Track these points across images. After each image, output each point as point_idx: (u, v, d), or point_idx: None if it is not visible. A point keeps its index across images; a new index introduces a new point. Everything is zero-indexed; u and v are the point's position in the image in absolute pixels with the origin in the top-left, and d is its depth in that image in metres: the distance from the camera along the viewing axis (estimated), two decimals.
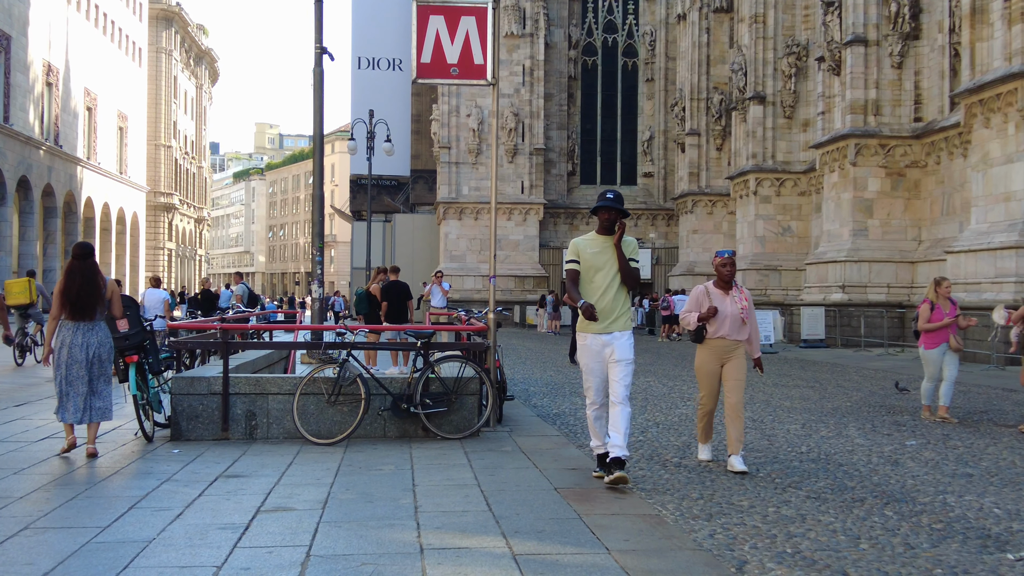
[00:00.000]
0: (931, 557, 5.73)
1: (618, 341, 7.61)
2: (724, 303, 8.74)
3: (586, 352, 7.72)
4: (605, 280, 7.65)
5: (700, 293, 8.87)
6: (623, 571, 5.21)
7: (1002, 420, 11.73)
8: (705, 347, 8.78)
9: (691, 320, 8.78)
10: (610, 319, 7.63)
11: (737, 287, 8.89)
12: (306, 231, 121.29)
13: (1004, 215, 23.06)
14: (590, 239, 7.82)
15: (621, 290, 7.70)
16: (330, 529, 6.14)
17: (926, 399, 12.47)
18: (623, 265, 7.66)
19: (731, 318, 8.68)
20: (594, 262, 7.67)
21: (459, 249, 50.12)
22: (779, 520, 6.65)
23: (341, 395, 9.88)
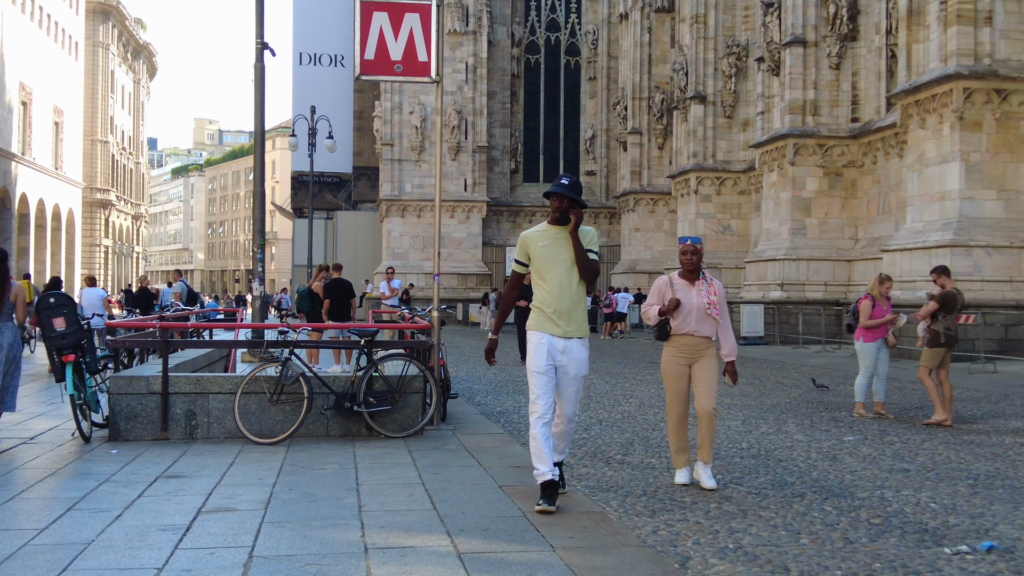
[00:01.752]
0: (870, 551, 5.82)
1: (576, 352, 6.80)
2: (689, 295, 7.80)
3: (539, 353, 6.74)
4: (561, 276, 6.75)
5: (663, 284, 7.97)
6: (568, 568, 5.23)
7: (925, 412, 11.95)
8: (670, 345, 7.89)
9: (652, 314, 7.88)
10: (568, 321, 6.76)
11: (706, 278, 7.89)
12: (246, 228, 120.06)
13: (939, 214, 23.51)
14: (541, 231, 6.89)
15: (580, 287, 6.82)
16: (273, 529, 6.09)
17: (860, 395, 12.67)
18: (580, 256, 6.76)
19: (697, 311, 7.73)
20: (547, 256, 6.78)
21: (402, 247, 49.95)
22: (721, 516, 6.72)
23: (283, 394, 9.80)
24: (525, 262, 6.93)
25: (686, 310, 7.76)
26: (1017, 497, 7.47)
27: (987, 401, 14.61)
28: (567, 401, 6.86)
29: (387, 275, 23.29)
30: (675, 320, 7.81)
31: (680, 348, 7.83)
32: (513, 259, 7.06)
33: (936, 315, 12.19)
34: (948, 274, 12.61)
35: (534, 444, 6.70)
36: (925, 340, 12.38)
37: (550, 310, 6.74)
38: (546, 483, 6.69)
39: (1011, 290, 22.55)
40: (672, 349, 7.88)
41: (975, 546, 5.91)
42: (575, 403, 6.91)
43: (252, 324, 15.57)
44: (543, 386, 6.71)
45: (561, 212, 6.81)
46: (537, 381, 6.74)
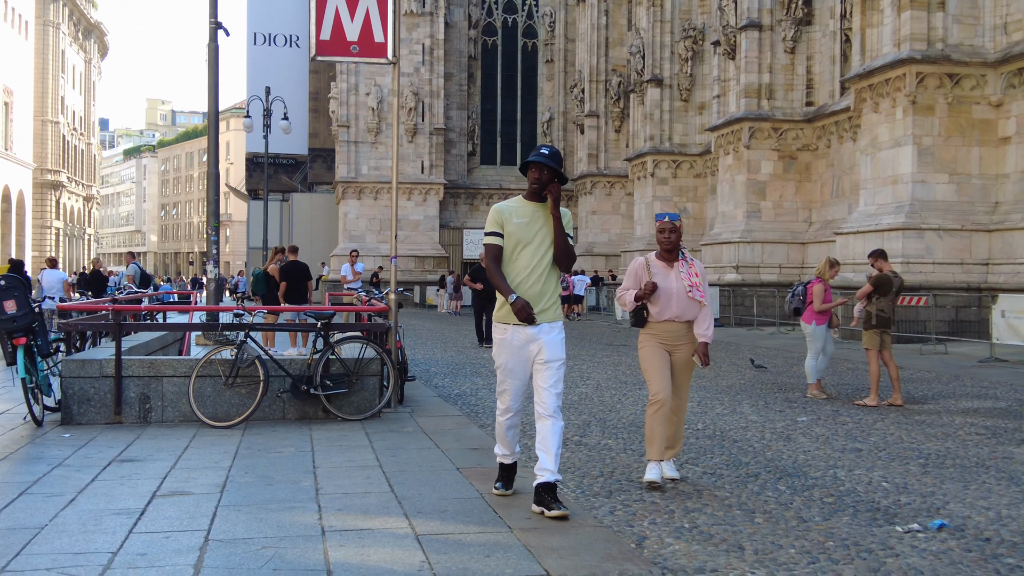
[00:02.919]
0: (823, 530, 5.90)
1: (547, 336, 6.14)
2: (667, 278, 7.08)
3: (505, 348, 6.20)
4: (534, 258, 6.14)
5: (638, 267, 7.23)
6: (525, 549, 5.25)
7: (885, 395, 12.12)
8: (648, 333, 7.20)
9: (628, 299, 7.18)
10: (539, 306, 6.14)
11: (685, 259, 7.19)
12: (200, 210, 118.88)
13: (891, 198, 23.77)
14: (517, 205, 6.28)
15: (552, 271, 6.22)
16: (229, 513, 6.05)
17: (812, 377, 12.82)
18: (560, 239, 6.16)
19: (677, 296, 7.04)
20: (522, 235, 6.16)
21: (359, 229, 49.70)
22: (677, 496, 6.78)
23: (239, 377, 9.73)
24: (502, 233, 6.23)
25: (665, 294, 7.07)
26: (967, 476, 7.60)
27: (938, 382, 14.84)
28: (546, 392, 6.12)
29: (351, 258, 23.08)
30: (654, 306, 7.12)
31: (661, 335, 7.14)
32: (485, 233, 6.32)
33: (871, 297, 12.35)
34: (885, 258, 12.78)
35: (498, 430, 6.45)
36: (860, 320, 12.56)
37: (518, 293, 6.13)
38: (505, 466, 6.55)
39: (962, 272, 22.88)
40: (650, 337, 7.18)
41: (926, 524, 6.01)
42: (555, 394, 6.14)
43: (207, 307, 15.44)
44: (507, 383, 6.27)
45: (540, 185, 6.21)
46: (503, 378, 6.29)
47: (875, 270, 12.62)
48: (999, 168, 23.24)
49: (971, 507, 6.54)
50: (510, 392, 6.27)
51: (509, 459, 6.54)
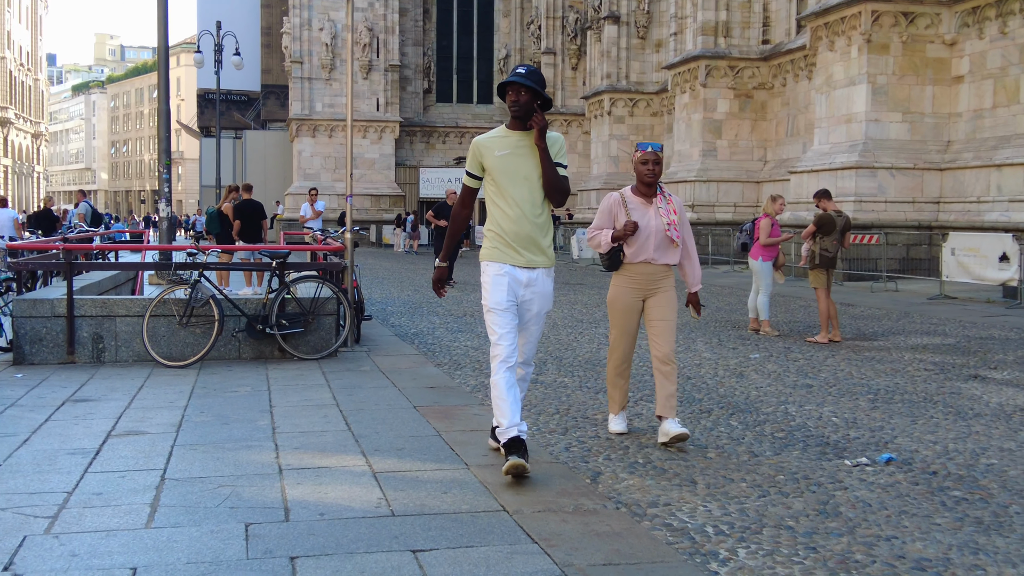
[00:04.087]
0: (774, 464, 6.01)
1: (540, 285, 5.68)
2: (646, 216, 6.49)
3: (499, 287, 5.58)
4: (524, 193, 5.54)
5: (613, 203, 6.60)
6: (482, 485, 5.30)
7: (841, 333, 12.31)
8: (622, 276, 6.62)
9: (602, 240, 6.54)
10: (533, 249, 5.60)
11: (663, 194, 6.60)
12: (152, 148, 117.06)
13: (845, 136, 23.91)
14: (499, 137, 5.65)
15: (545, 208, 5.65)
16: (185, 452, 6.05)
17: (764, 313, 12.97)
18: (548, 171, 5.54)
19: (656, 235, 6.48)
20: (506, 169, 5.56)
21: (313, 167, 49.21)
22: (631, 432, 6.86)
23: (193, 317, 9.67)
24: (478, 174, 5.67)
25: (643, 233, 6.46)
26: (915, 411, 7.76)
27: (888, 319, 15.07)
28: (529, 342, 5.82)
29: (310, 196, 22.66)
30: (629, 247, 6.52)
31: (635, 279, 6.57)
32: (465, 171, 5.79)
33: (816, 236, 12.47)
34: (829, 197, 12.89)
35: (495, 393, 5.56)
36: (807, 259, 12.70)
37: (509, 236, 5.55)
38: (512, 441, 5.45)
39: (913, 211, 23.14)
40: (624, 280, 6.61)
41: (874, 458, 6.14)
42: (536, 343, 5.91)
43: (159, 246, 15.25)
44: (506, 325, 5.58)
45: (521, 108, 5.53)
46: (499, 320, 5.58)
47: (820, 210, 12.73)
48: (952, 107, 23.42)
49: (918, 441, 6.68)
50: (506, 336, 5.55)
51: (512, 432, 5.46)
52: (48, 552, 4.21)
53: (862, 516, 4.94)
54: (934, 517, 4.93)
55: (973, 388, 8.86)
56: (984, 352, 11.28)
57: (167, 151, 15.44)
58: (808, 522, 4.82)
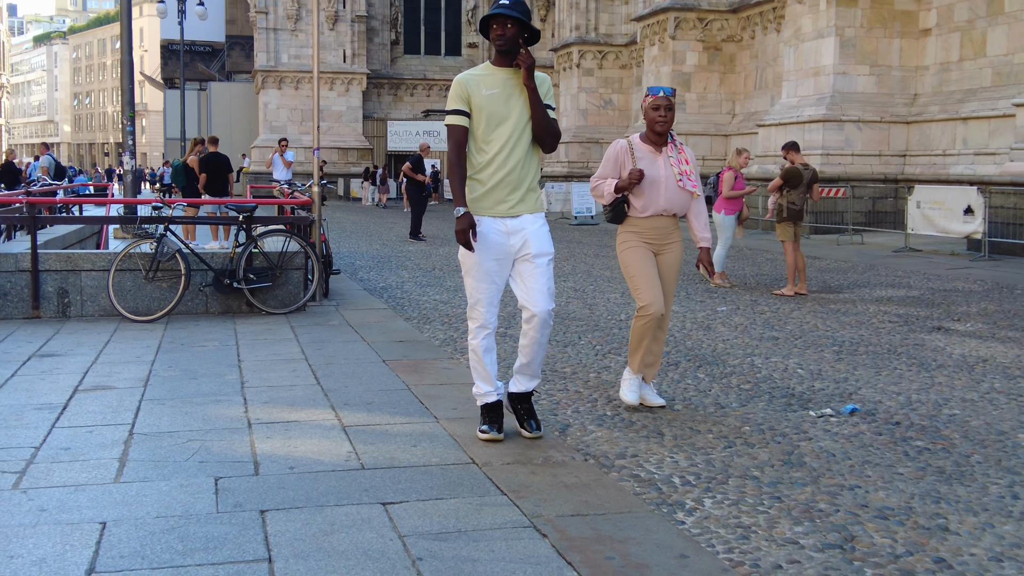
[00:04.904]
0: (740, 415, 6.08)
1: (531, 228, 5.15)
2: (655, 165, 6.02)
3: (481, 242, 5.09)
4: (511, 138, 5.09)
5: (620, 151, 6.10)
6: (452, 438, 5.33)
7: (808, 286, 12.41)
8: (629, 231, 6.14)
9: (606, 191, 6.07)
10: (517, 195, 5.14)
11: (675, 143, 6.15)
12: (115, 99, 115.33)
13: (813, 89, 23.95)
14: (484, 74, 5.17)
15: (533, 153, 5.20)
16: (153, 407, 6.03)
17: (720, 266, 13.05)
18: (538, 113, 5.10)
19: (666, 186, 6.00)
20: (494, 109, 5.08)
21: (280, 120, 48.72)
22: (599, 385, 6.91)
23: (159, 271, 9.60)
24: (467, 110, 5.14)
25: (652, 184, 6.00)
26: (879, 363, 7.85)
27: (854, 271, 15.20)
28: (535, 292, 5.14)
29: (280, 147, 22.22)
30: (638, 199, 6.04)
31: (644, 233, 6.10)
32: (448, 111, 5.24)
33: (782, 189, 12.51)
34: (798, 150, 12.91)
35: (473, 358, 5.34)
36: (773, 212, 12.75)
37: (492, 181, 5.10)
38: (489, 405, 5.35)
39: (879, 164, 23.28)
40: (632, 236, 6.13)
41: (839, 409, 6.22)
42: (546, 294, 5.15)
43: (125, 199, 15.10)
44: (481, 291, 5.19)
45: (507, 43, 5.05)
46: (476, 283, 5.19)
47: (787, 162, 12.76)
48: (919, 60, 23.49)
49: (882, 392, 6.77)
50: (485, 302, 5.19)
51: (493, 395, 5.35)
52: (16, 507, 4.20)
53: (826, 466, 5.01)
54: (897, 467, 5.01)
55: (936, 340, 8.97)
56: (948, 304, 11.42)
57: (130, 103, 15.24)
58: (773, 472, 4.89)
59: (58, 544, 3.78)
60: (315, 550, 3.74)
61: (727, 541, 3.97)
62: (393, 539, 3.86)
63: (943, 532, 4.09)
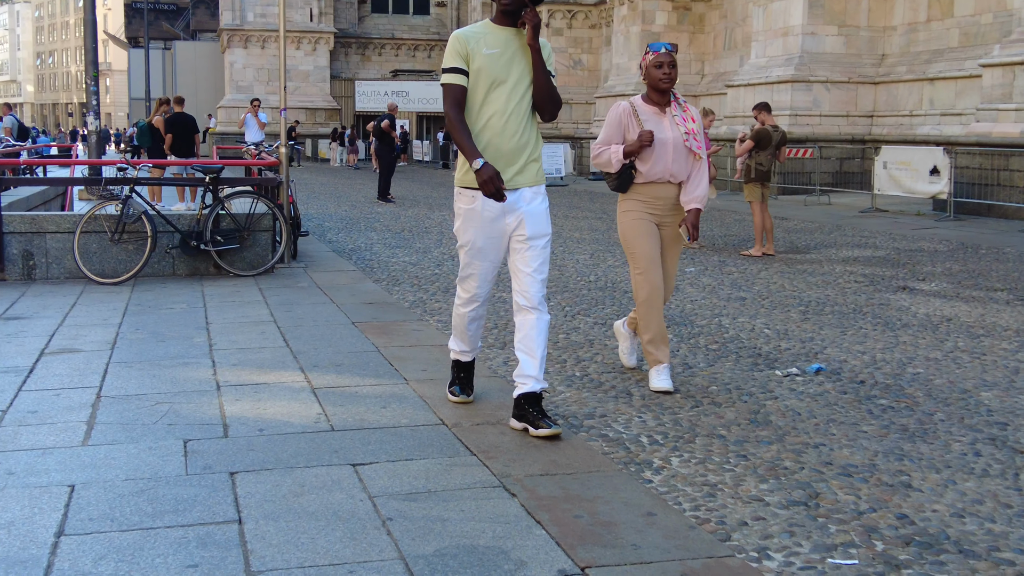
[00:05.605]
0: (707, 375, 6.13)
1: (529, 205, 4.79)
2: (660, 126, 5.66)
3: (473, 221, 4.82)
4: (510, 102, 4.71)
5: (623, 114, 5.75)
6: (421, 399, 5.35)
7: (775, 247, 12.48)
8: (633, 198, 5.74)
9: (612, 158, 5.67)
10: (516, 166, 4.76)
11: (678, 102, 5.81)
12: (79, 59, 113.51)
13: (782, 50, 23.95)
14: (484, 32, 4.76)
15: (532, 120, 4.84)
16: (120, 370, 6.00)
17: None
18: (541, 77, 4.74)
19: (674, 148, 5.62)
20: (494, 71, 4.69)
21: (246, 79, 48.20)
22: (569, 346, 6.94)
23: (125, 233, 9.52)
24: (467, 68, 4.72)
25: (658, 147, 5.60)
26: (845, 322, 7.93)
27: (820, 232, 15.31)
28: (528, 279, 4.84)
29: (253, 107, 21.83)
30: (643, 164, 5.65)
31: (648, 201, 5.72)
32: (444, 69, 4.81)
33: (752, 151, 12.53)
34: (769, 110, 12.92)
35: (457, 319, 5.17)
36: (742, 173, 12.79)
37: (489, 151, 4.71)
38: (461, 364, 5.31)
39: (847, 124, 23.37)
40: (636, 203, 5.74)
41: (804, 368, 6.29)
42: (540, 280, 4.86)
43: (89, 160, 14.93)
44: (474, 267, 4.95)
45: (514, 1, 4.69)
46: (470, 259, 4.94)
47: (758, 122, 12.77)
48: (887, 20, 23.53)
49: (847, 352, 6.85)
50: (478, 277, 4.95)
51: (469, 355, 5.29)
52: None
53: (791, 425, 5.08)
54: (861, 425, 5.08)
55: (901, 299, 9.07)
56: (913, 264, 11.53)
57: (94, 63, 15.02)
58: (739, 431, 4.95)
59: (26, 507, 3.77)
60: (285, 511, 3.75)
61: (694, 499, 4.02)
62: (363, 500, 3.88)
63: (906, 489, 4.16)
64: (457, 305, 5.11)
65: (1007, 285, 9.97)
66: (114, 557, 3.33)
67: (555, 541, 3.50)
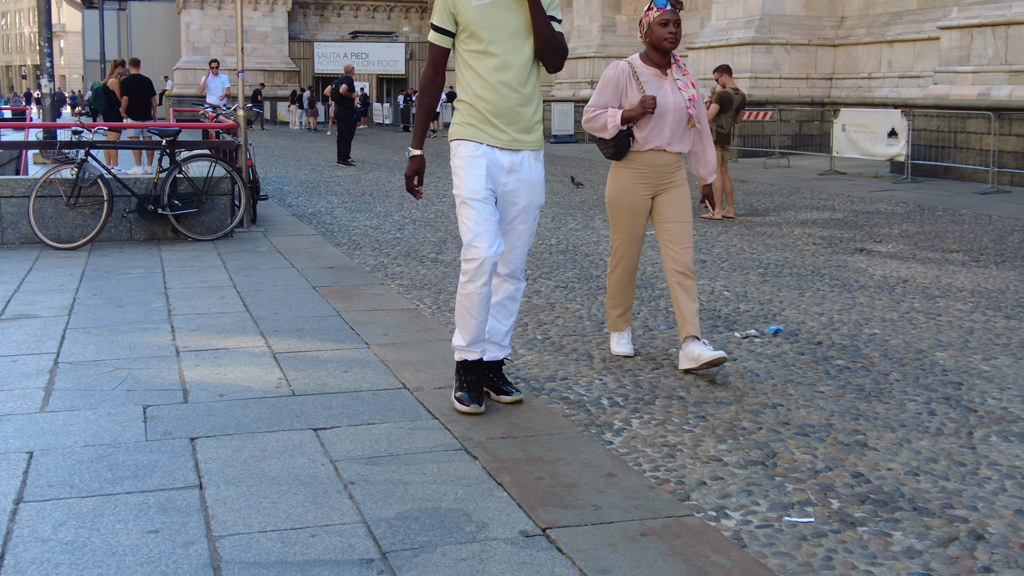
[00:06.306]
0: (667, 338, 6.18)
1: (527, 171, 4.50)
2: (662, 90, 5.28)
3: (474, 172, 4.39)
4: (507, 55, 4.33)
5: (621, 75, 5.32)
6: (382, 363, 5.35)
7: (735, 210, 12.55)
8: (626, 168, 5.40)
9: (608, 122, 5.26)
10: (519, 125, 4.42)
11: (678, 64, 5.43)
12: (31, 20, 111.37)
13: (743, 11, 23.95)
14: None
15: (534, 76, 4.45)
16: (78, 335, 5.95)
17: None
18: (541, 24, 4.32)
19: (674, 115, 5.27)
20: (487, 21, 4.29)
21: (202, 41, 47.52)
22: (530, 309, 6.96)
23: (81, 197, 9.40)
24: (451, 29, 4.37)
25: (660, 114, 5.23)
26: (803, 284, 8.01)
27: (780, 194, 15.40)
28: (516, 247, 4.58)
29: (211, 68, 21.36)
30: (641, 131, 5.28)
31: (643, 170, 5.36)
32: (432, 26, 4.46)
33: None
34: (730, 73, 12.90)
35: (465, 305, 4.46)
36: None
37: (489, 109, 4.37)
38: (469, 363, 4.57)
39: (806, 87, 23.46)
40: (630, 173, 5.39)
41: (763, 330, 6.35)
42: (526, 249, 4.65)
43: (43, 124, 14.68)
44: (485, 220, 4.37)
45: None
46: (476, 214, 4.37)
47: (719, 85, 12.77)
48: None
49: (805, 313, 6.92)
50: (487, 234, 4.35)
51: (475, 353, 4.56)
52: None
53: (750, 385, 5.13)
54: (818, 385, 5.15)
55: (859, 261, 9.16)
56: (870, 226, 11.65)
57: (48, 24, 14.73)
58: (698, 392, 5.00)
59: None
60: (246, 476, 3.75)
61: (653, 460, 4.06)
62: (325, 464, 3.88)
63: (862, 448, 4.23)
64: (463, 283, 4.44)
65: (963, 247, 10.10)
66: (74, 523, 3.32)
67: (516, 503, 3.53)
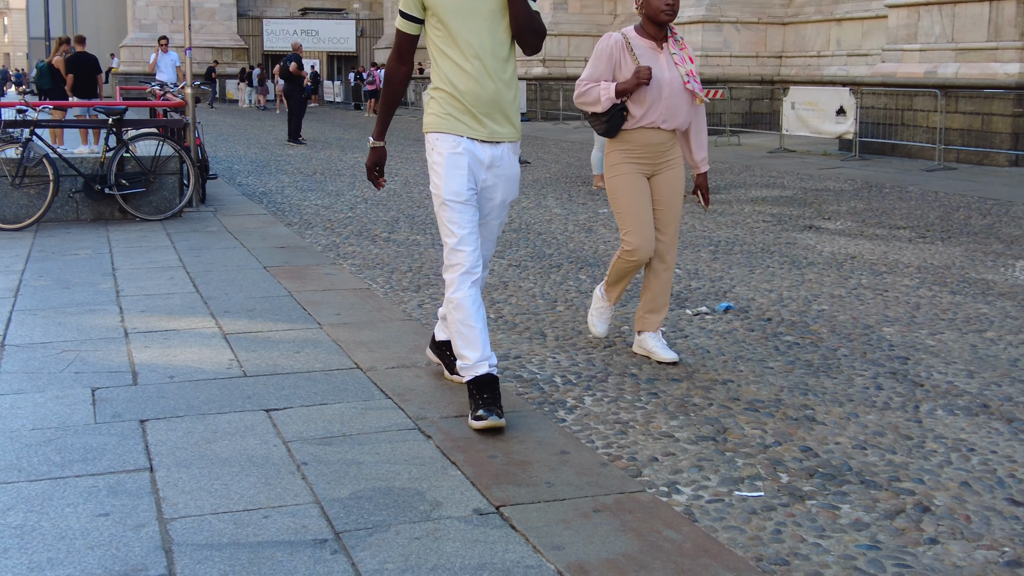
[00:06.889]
0: (619, 315, 6.20)
1: (506, 166, 4.29)
2: (658, 64, 4.95)
3: (456, 170, 4.11)
4: (481, 37, 4.08)
5: (614, 47, 4.98)
6: (335, 344, 5.33)
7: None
8: (620, 149, 5.06)
9: (601, 96, 4.92)
10: (497, 116, 4.17)
11: (675, 38, 5.11)
12: None
13: None
14: None
15: (512, 59, 4.20)
16: (24, 317, 5.86)
17: (597, 168, 13.14)
18: (518, 5, 4.09)
19: (671, 89, 4.92)
20: (460, 5, 4.05)
21: (149, 18, 46.78)
22: (484, 287, 6.94)
23: (26, 177, 9.24)
24: (418, 15, 4.14)
25: (653, 87, 4.90)
26: (753, 262, 8.08)
27: (730, 172, 15.50)
28: (487, 240, 4.43)
29: (160, 46, 20.95)
30: (637, 106, 4.94)
31: (637, 150, 5.03)
32: (398, 10, 4.24)
33: None
34: None
35: (458, 316, 4.13)
36: None
37: (467, 98, 4.10)
38: (480, 379, 4.11)
39: (756, 65, 23.61)
40: (625, 152, 5.06)
41: (714, 307, 6.40)
42: (495, 243, 4.57)
43: None
44: (467, 223, 4.12)
45: None
46: (458, 217, 4.10)
47: None
48: None
49: (755, 290, 6.99)
50: (470, 238, 4.12)
51: (484, 367, 4.14)
52: None
53: (701, 362, 5.18)
54: (768, 361, 5.21)
55: (808, 238, 9.26)
56: (819, 203, 11.77)
57: None
58: (650, 369, 5.03)
59: None
60: (197, 458, 3.73)
61: (606, 437, 4.09)
62: (277, 445, 3.87)
63: (810, 422, 4.28)
64: (451, 294, 4.15)
65: (910, 223, 10.24)
66: (23, 507, 3.28)
67: (470, 481, 3.54)
